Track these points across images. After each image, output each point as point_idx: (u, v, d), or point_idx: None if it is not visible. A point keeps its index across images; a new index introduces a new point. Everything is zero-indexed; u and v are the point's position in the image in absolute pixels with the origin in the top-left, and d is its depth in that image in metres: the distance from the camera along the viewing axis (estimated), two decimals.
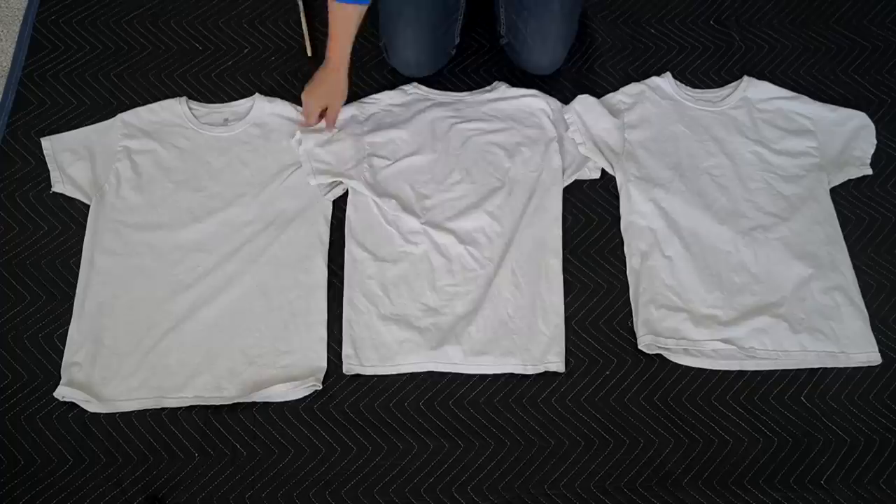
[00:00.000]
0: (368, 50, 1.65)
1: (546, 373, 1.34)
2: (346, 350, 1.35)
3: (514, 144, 1.52)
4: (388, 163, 1.49)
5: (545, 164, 1.50)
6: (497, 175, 1.49)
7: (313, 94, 1.48)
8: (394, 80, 1.60)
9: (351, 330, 1.36)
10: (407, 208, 1.44)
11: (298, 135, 1.50)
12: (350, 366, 1.34)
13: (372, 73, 1.63)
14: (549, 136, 1.53)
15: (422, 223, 1.43)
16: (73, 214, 1.46)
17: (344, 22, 1.39)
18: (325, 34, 1.67)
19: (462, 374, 1.34)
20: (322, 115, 1.50)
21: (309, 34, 1.67)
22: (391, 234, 1.43)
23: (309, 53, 1.65)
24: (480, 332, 1.35)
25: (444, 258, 1.41)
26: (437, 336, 1.35)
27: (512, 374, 1.34)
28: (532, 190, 1.48)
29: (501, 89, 1.58)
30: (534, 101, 1.56)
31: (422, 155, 1.51)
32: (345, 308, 1.38)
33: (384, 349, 1.34)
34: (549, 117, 1.55)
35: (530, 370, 1.34)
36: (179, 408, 1.30)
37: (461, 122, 1.54)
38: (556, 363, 1.34)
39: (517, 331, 1.36)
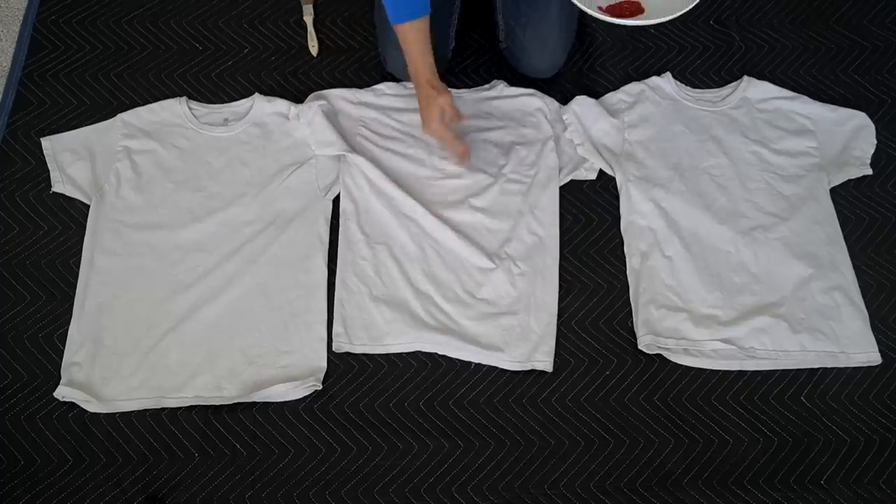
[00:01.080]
0: (368, 50, 1.65)
1: (545, 372, 1.34)
2: (337, 328, 1.36)
3: (509, 143, 1.52)
4: (379, 150, 1.50)
5: (541, 163, 1.51)
6: (491, 172, 1.49)
7: (432, 123, 1.41)
8: (396, 80, 1.60)
9: (342, 309, 1.37)
10: (402, 196, 1.45)
11: (294, 109, 1.50)
12: (340, 344, 1.35)
13: (372, 72, 1.63)
14: (546, 135, 1.53)
15: (417, 211, 1.43)
16: (73, 214, 1.46)
17: (416, 35, 1.35)
18: (330, 34, 1.68)
19: (463, 374, 1.34)
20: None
21: (315, 33, 1.67)
22: (387, 218, 1.44)
23: (314, 54, 1.64)
24: (471, 322, 1.36)
25: (437, 247, 1.41)
26: (427, 320, 1.36)
27: (512, 374, 1.34)
28: (528, 189, 1.48)
29: (500, 88, 1.58)
30: (531, 101, 1.57)
31: (416, 149, 1.51)
32: (337, 287, 1.39)
33: (374, 329, 1.36)
34: (546, 117, 1.55)
35: (517, 367, 1.34)
36: (179, 408, 1.30)
37: None
38: (544, 362, 1.34)
39: (508, 326, 1.36)
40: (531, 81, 1.59)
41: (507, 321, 1.36)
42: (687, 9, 1.20)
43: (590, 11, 1.24)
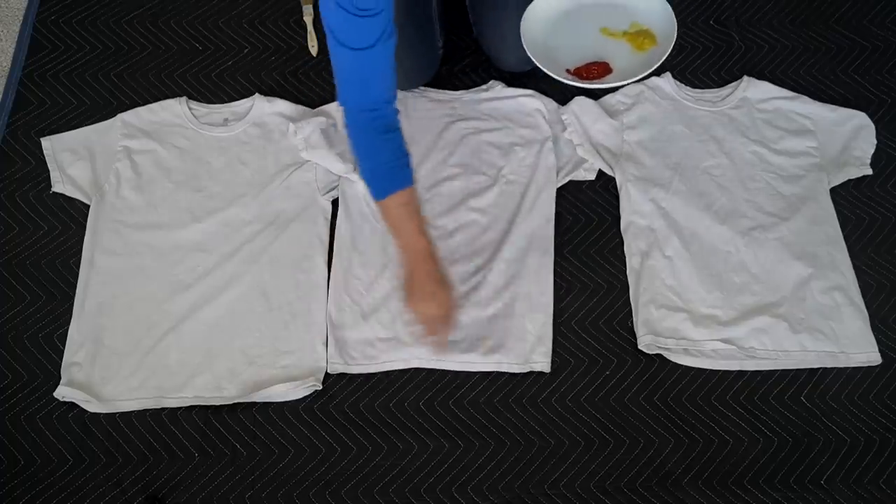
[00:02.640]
0: None
1: (545, 373, 1.34)
2: (330, 350, 1.35)
3: (508, 144, 1.52)
4: None
5: (540, 163, 1.50)
6: (490, 173, 1.49)
7: (424, 303, 1.23)
8: None
9: (334, 329, 1.36)
10: None
11: (292, 126, 1.50)
12: (334, 366, 1.34)
13: None
14: (545, 136, 1.53)
15: None
16: (73, 214, 1.46)
17: (404, 209, 1.22)
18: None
19: (462, 374, 1.34)
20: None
21: (315, 33, 1.67)
22: (379, 232, 1.43)
23: (314, 53, 1.64)
24: (466, 330, 1.35)
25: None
26: (420, 336, 1.35)
27: (512, 374, 1.34)
28: (525, 189, 1.48)
29: (497, 89, 1.58)
30: (529, 101, 1.57)
31: (416, 152, 1.50)
32: (329, 307, 1.38)
33: (368, 348, 1.35)
34: (544, 117, 1.55)
35: (515, 369, 1.34)
36: (179, 408, 1.30)
37: (457, 121, 1.54)
38: (542, 363, 1.34)
39: (504, 329, 1.36)
40: (529, 80, 1.59)
41: (502, 324, 1.36)
42: (650, 70, 1.27)
43: (558, 78, 1.29)
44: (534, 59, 1.31)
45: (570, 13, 1.39)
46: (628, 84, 1.27)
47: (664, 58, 1.27)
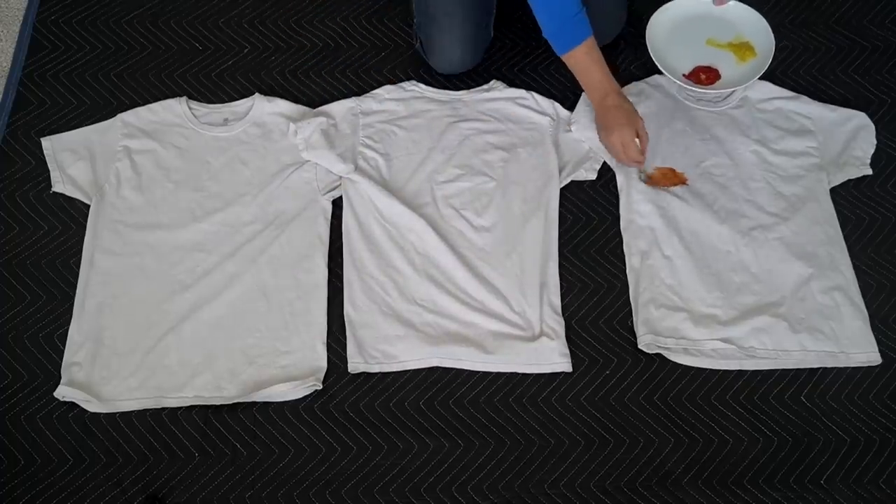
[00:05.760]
0: (368, 49, 1.66)
1: (545, 372, 1.34)
2: (350, 349, 1.35)
3: (510, 144, 1.52)
4: (382, 158, 1.49)
5: (541, 164, 1.50)
6: (493, 175, 1.49)
7: (618, 133, 1.40)
8: (394, 81, 1.60)
9: (353, 329, 1.36)
10: (403, 205, 1.44)
11: (292, 126, 1.50)
12: (355, 365, 1.34)
13: (371, 72, 1.63)
14: (546, 136, 1.53)
15: (419, 220, 1.43)
16: (73, 214, 1.46)
17: (589, 56, 1.40)
18: (331, 32, 1.68)
19: (463, 374, 1.34)
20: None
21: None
22: (389, 231, 1.43)
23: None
24: (481, 332, 1.35)
25: (442, 255, 1.41)
26: (440, 333, 1.35)
27: (512, 374, 1.34)
28: (528, 190, 1.48)
29: (499, 89, 1.58)
30: (531, 101, 1.57)
31: (418, 154, 1.51)
32: (346, 307, 1.38)
33: (388, 347, 1.34)
34: (545, 117, 1.55)
35: (535, 370, 1.34)
36: (179, 408, 1.30)
37: (458, 122, 1.54)
38: (562, 363, 1.34)
39: (518, 331, 1.36)
40: (529, 80, 1.59)
41: (516, 325, 1.36)
42: (755, 78, 1.48)
43: (676, 81, 1.48)
44: (657, 64, 1.49)
45: (679, 26, 1.54)
46: (738, 90, 1.53)
47: (765, 68, 1.48)
